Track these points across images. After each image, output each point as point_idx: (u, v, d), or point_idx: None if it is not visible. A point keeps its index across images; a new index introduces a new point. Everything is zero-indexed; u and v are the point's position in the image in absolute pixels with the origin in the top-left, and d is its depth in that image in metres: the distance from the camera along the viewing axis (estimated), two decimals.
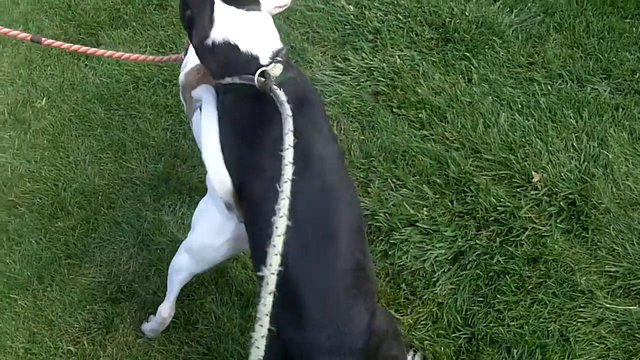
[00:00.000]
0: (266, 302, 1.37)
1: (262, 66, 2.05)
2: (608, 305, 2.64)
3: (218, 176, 2.04)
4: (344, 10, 3.85)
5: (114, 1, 4.22)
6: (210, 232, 2.25)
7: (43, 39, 2.83)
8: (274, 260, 1.44)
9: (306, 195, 1.93)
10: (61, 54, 3.98)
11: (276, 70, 2.05)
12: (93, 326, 2.84)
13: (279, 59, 2.10)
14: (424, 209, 2.94)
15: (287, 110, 1.86)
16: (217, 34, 2.11)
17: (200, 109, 2.21)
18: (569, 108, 3.25)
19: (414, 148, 3.15)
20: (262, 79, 2.02)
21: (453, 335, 2.62)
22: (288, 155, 1.70)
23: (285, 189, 1.60)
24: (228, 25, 2.11)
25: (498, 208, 2.90)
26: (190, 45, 2.45)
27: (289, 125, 1.80)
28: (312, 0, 3.92)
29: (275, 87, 1.98)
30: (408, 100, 3.35)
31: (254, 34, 2.13)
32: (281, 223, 1.52)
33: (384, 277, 2.79)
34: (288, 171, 1.66)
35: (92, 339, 2.80)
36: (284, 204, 1.56)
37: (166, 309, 2.63)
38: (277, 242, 1.48)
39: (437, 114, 3.28)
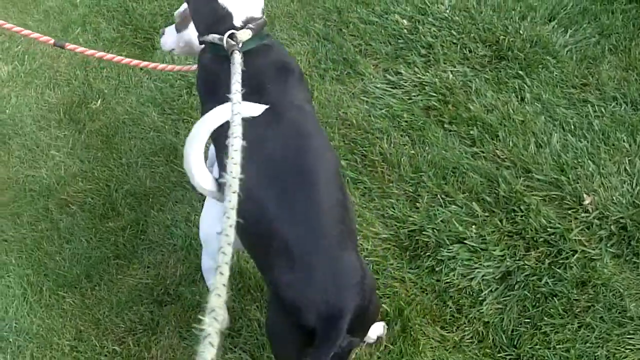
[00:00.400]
0: (231, 199, 1.42)
1: (234, 28, 2.14)
2: None
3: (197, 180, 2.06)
4: (397, 24, 3.86)
5: (171, 7, 4.28)
6: (211, 222, 2.27)
7: (66, 43, 2.90)
8: (234, 168, 1.51)
9: (281, 145, 2.00)
10: None
11: (244, 35, 2.12)
12: (139, 327, 2.88)
13: (251, 26, 2.17)
14: (473, 226, 2.93)
15: (237, 68, 1.96)
16: None
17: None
18: (623, 131, 3.21)
19: (464, 165, 3.13)
20: (231, 42, 2.10)
21: (498, 355, 2.60)
22: (237, 97, 1.80)
23: (237, 120, 1.68)
24: None
25: (548, 229, 2.87)
26: None
27: (237, 77, 1.91)
28: (366, 13, 3.94)
29: (237, 50, 2.06)
30: (459, 117, 3.34)
31: None
32: (237, 142, 1.60)
33: (430, 293, 2.78)
34: (237, 97, 1.78)
35: (137, 340, 2.84)
36: (237, 129, 1.64)
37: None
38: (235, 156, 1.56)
39: (489, 132, 3.26)
